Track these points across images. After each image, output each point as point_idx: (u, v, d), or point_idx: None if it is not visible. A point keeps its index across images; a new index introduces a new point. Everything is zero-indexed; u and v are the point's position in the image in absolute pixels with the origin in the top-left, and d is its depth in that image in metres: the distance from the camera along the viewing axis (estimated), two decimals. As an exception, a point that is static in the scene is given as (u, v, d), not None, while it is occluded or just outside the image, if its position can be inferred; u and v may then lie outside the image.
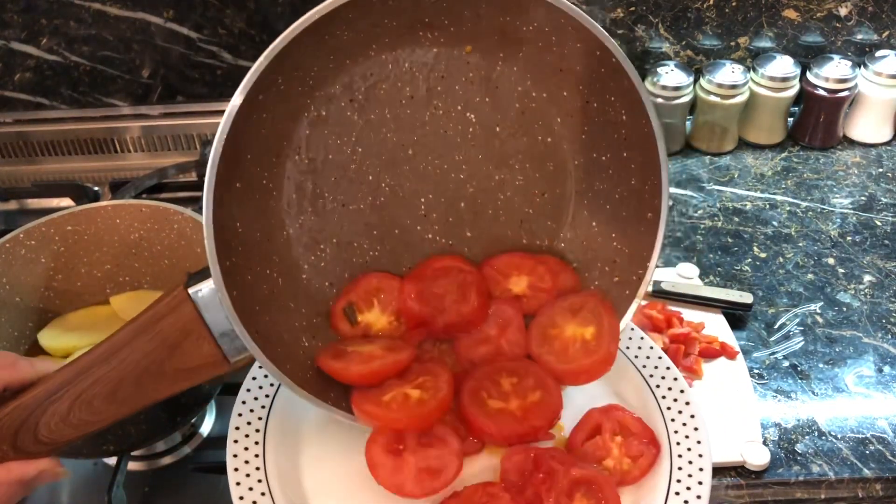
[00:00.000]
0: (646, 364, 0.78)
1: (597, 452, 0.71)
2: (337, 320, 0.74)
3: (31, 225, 0.93)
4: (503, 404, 0.71)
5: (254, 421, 0.74)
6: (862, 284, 1.06)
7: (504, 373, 0.73)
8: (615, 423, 0.72)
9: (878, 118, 1.30)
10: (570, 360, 0.73)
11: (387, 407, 0.69)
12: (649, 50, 1.31)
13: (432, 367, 0.73)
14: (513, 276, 0.79)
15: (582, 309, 0.76)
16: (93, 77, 1.28)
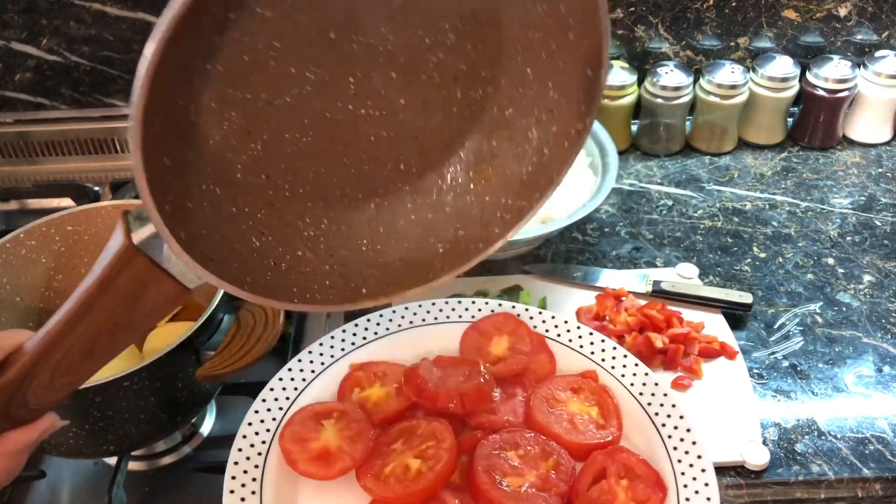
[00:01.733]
0: (651, 402, 0.76)
1: (603, 497, 0.69)
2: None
3: (31, 225, 0.93)
4: (520, 479, 0.70)
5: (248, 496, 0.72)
6: (861, 284, 1.06)
7: (507, 446, 0.72)
8: (620, 465, 0.71)
9: (877, 118, 1.30)
10: (582, 433, 0.73)
11: (385, 482, 0.69)
12: (649, 50, 1.31)
13: (437, 428, 0.72)
14: (494, 336, 0.80)
15: (583, 389, 0.77)
16: (93, 77, 1.28)
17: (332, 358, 0.81)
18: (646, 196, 1.22)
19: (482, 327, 0.81)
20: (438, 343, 0.83)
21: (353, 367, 0.80)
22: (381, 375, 0.79)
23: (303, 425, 0.75)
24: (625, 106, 1.26)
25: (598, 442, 0.72)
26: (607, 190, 1.04)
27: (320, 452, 0.73)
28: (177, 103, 0.62)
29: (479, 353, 0.80)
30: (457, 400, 0.74)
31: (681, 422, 0.74)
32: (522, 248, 1.08)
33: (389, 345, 0.83)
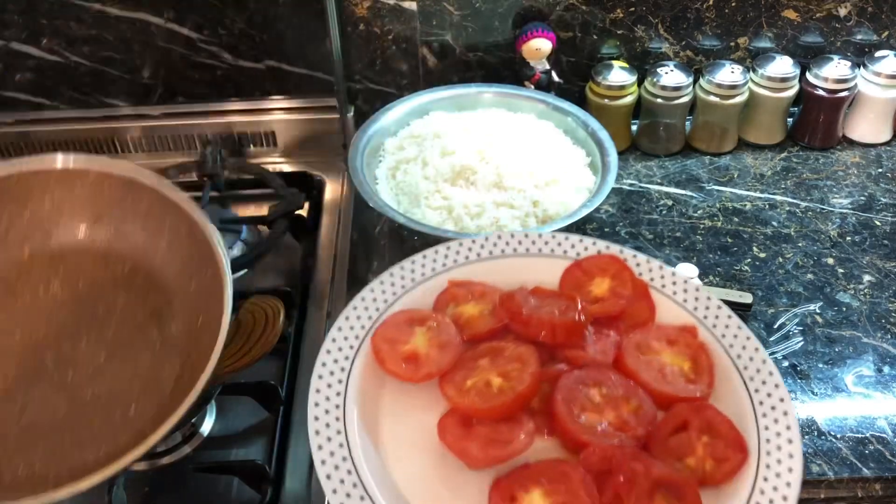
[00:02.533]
0: (748, 366, 0.74)
1: (680, 449, 0.68)
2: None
3: (31, 225, 0.93)
4: (598, 417, 0.69)
5: (334, 384, 0.73)
6: (861, 284, 1.06)
7: (591, 382, 0.72)
8: (704, 421, 0.70)
9: (877, 118, 1.30)
10: (669, 383, 0.72)
11: (465, 393, 0.70)
12: (649, 50, 1.31)
13: (524, 353, 0.72)
14: (597, 277, 0.80)
15: (678, 342, 0.76)
16: (93, 77, 1.28)
17: (434, 271, 0.81)
18: (646, 196, 1.22)
19: (585, 266, 0.81)
20: (539, 275, 0.82)
21: (451, 282, 0.81)
22: (477, 295, 0.79)
23: (396, 328, 0.76)
24: (625, 106, 1.26)
25: (685, 395, 0.71)
26: (607, 190, 1.04)
27: (409, 355, 0.73)
28: None
29: (579, 290, 0.79)
30: (548, 329, 0.73)
31: (775, 390, 0.71)
32: (522, 248, 1.08)
33: (490, 268, 0.83)
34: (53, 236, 0.80)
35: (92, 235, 0.80)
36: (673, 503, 0.65)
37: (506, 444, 0.67)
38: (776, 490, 0.66)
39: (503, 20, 1.27)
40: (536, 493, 0.65)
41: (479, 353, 0.74)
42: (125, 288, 0.78)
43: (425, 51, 1.29)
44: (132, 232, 0.79)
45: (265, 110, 1.31)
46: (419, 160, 1.10)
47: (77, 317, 0.76)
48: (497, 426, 0.69)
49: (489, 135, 1.10)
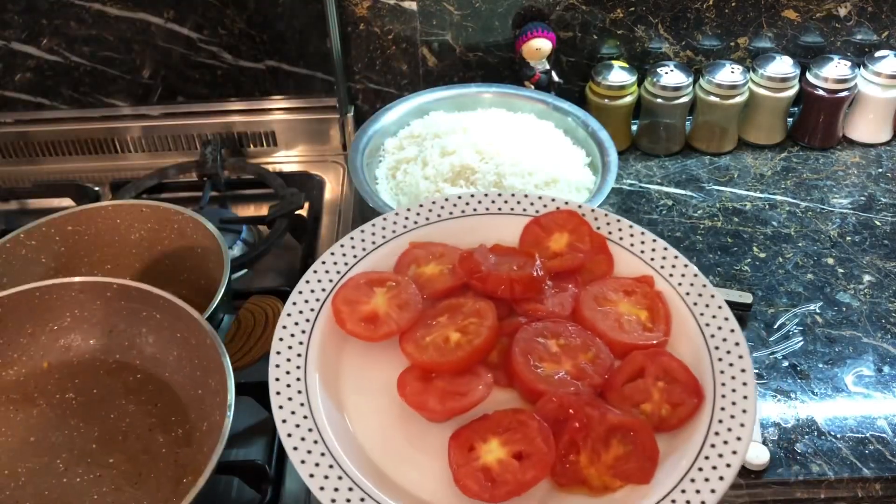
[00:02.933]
0: (703, 312, 0.76)
1: (636, 395, 0.69)
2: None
3: (31, 225, 0.93)
4: (556, 367, 0.71)
5: (295, 346, 0.75)
6: (861, 284, 1.06)
7: (549, 334, 0.73)
8: (660, 367, 0.71)
9: (877, 118, 1.30)
10: (626, 332, 0.73)
11: (424, 349, 0.71)
12: (649, 50, 1.31)
13: (482, 308, 0.74)
14: (555, 233, 0.80)
15: (635, 293, 0.77)
16: (93, 77, 1.28)
17: (394, 233, 0.83)
18: (646, 196, 1.22)
19: (544, 222, 0.82)
20: (499, 233, 0.83)
21: (412, 244, 0.82)
22: (438, 255, 0.81)
23: (356, 289, 0.77)
24: (625, 106, 1.26)
25: (641, 343, 0.73)
26: (607, 190, 1.04)
27: (369, 315, 0.75)
28: None
29: (538, 247, 0.81)
30: (506, 285, 0.75)
31: (731, 335, 0.73)
32: (522, 248, 1.08)
33: (450, 228, 0.84)
34: (72, 349, 0.86)
35: (107, 346, 0.86)
36: (629, 448, 0.66)
37: (463, 395, 0.69)
38: (730, 431, 0.67)
39: (503, 20, 1.27)
40: (494, 443, 0.66)
41: (439, 311, 0.76)
42: (136, 395, 0.83)
43: (425, 51, 1.29)
44: (144, 343, 0.85)
45: (265, 110, 1.31)
46: (419, 160, 1.10)
47: (90, 422, 0.82)
48: (455, 379, 0.70)
49: (489, 135, 1.10)
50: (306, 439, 0.67)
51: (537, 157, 1.08)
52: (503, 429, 0.67)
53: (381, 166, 1.14)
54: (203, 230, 0.93)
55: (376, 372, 0.74)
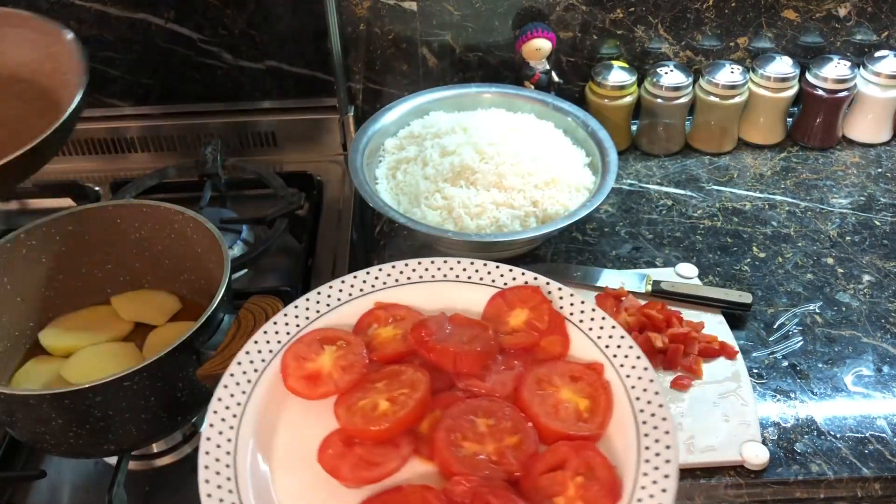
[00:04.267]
0: (644, 409, 0.73)
1: (551, 487, 0.67)
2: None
3: (32, 225, 0.93)
4: (479, 447, 0.70)
5: (237, 395, 0.75)
6: (861, 284, 1.06)
7: (481, 412, 0.72)
8: (583, 462, 0.69)
9: (877, 118, 1.30)
10: (562, 421, 0.72)
11: (352, 414, 0.71)
12: (649, 50, 1.31)
13: (417, 379, 0.74)
14: (517, 308, 0.80)
15: (581, 380, 0.76)
16: (93, 77, 1.27)
17: (361, 292, 0.83)
18: (645, 196, 1.22)
19: (508, 296, 0.82)
20: (466, 302, 0.83)
21: (377, 304, 0.82)
22: (398, 318, 0.81)
23: (308, 345, 0.77)
24: (625, 106, 1.26)
25: (572, 433, 0.71)
26: (607, 190, 1.04)
27: (312, 373, 0.75)
28: None
29: (498, 320, 0.80)
30: (450, 358, 0.75)
31: (665, 436, 0.70)
32: (522, 248, 1.08)
33: (418, 292, 0.84)
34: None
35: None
36: None
37: (376, 466, 0.69)
38: None
39: (503, 20, 1.27)
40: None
41: (381, 376, 0.75)
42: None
43: (425, 51, 1.29)
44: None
45: (265, 110, 1.31)
46: (419, 160, 1.10)
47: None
48: (374, 448, 0.70)
49: (489, 135, 1.10)
50: (222, 487, 0.68)
51: (537, 157, 1.08)
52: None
53: (381, 166, 1.14)
54: (203, 230, 0.93)
55: (315, 429, 0.73)
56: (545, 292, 0.82)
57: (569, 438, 0.71)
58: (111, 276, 1.00)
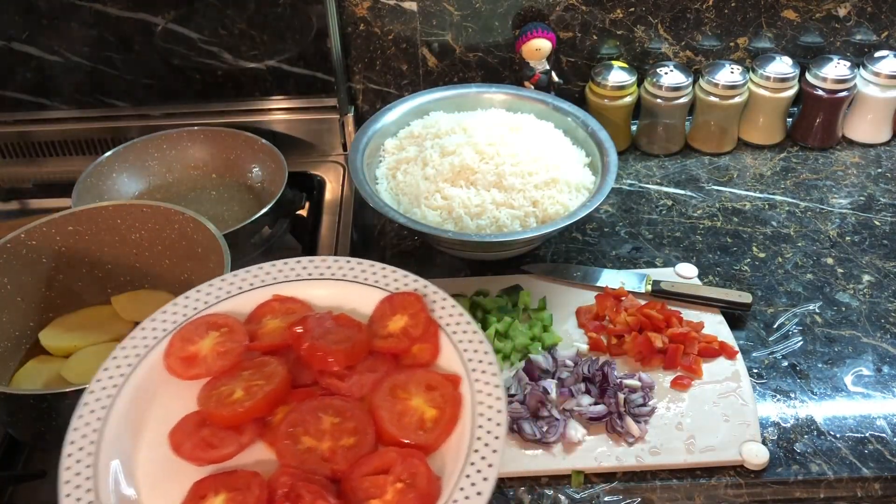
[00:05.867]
0: (483, 424, 0.73)
1: (370, 489, 0.69)
2: None
3: (32, 225, 0.93)
4: (315, 443, 0.72)
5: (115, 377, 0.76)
6: (861, 284, 1.06)
7: (331, 410, 0.74)
8: (407, 470, 0.70)
9: (876, 118, 1.30)
10: (402, 428, 0.73)
11: (209, 398, 0.74)
12: (649, 50, 1.31)
13: (275, 372, 0.75)
14: (398, 313, 0.81)
15: (436, 390, 0.76)
16: (94, 77, 1.28)
17: (263, 283, 0.85)
18: (645, 196, 1.22)
19: (394, 301, 0.83)
20: (359, 302, 0.84)
21: (275, 296, 0.84)
22: (289, 311, 0.83)
23: (196, 328, 0.80)
24: (625, 106, 1.26)
25: (406, 441, 0.72)
26: (607, 190, 1.04)
27: (190, 355, 0.77)
28: None
29: (380, 323, 0.81)
30: (317, 356, 0.77)
31: (491, 455, 0.70)
32: (522, 248, 1.08)
33: (317, 289, 0.85)
34: None
35: None
36: None
37: (213, 448, 0.71)
38: None
39: (503, 20, 1.27)
40: (220, 497, 0.68)
41: (251, 365, 0.77)
42: None
43: (425, 51, 1.29)
44: None
45: (265, 110, 1.31)
46: (419, 160, 1.10)
47: None
48: (219, 432, 0.72)
49: (489, 135, 1.10)
50: (84, 449, 0.69)
51: (537, 158, 1.08)
52: (232, 487, 0.69)
53: (381, 166, 1.14)
54: (203, 230, 0.93)
55: (187, 408, 0.75)
56: (428, 301, 0.82)
57: (401, 445, 0.72)
58: (111, 276, 1.00)
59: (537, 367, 0.93)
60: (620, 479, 0.85)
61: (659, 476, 0.85)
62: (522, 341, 0.96)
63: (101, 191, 1.15)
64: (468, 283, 1.05)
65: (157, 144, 1.21)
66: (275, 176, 1.17)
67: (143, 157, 1.21)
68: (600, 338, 0.97)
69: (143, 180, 1.21)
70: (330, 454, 0.71)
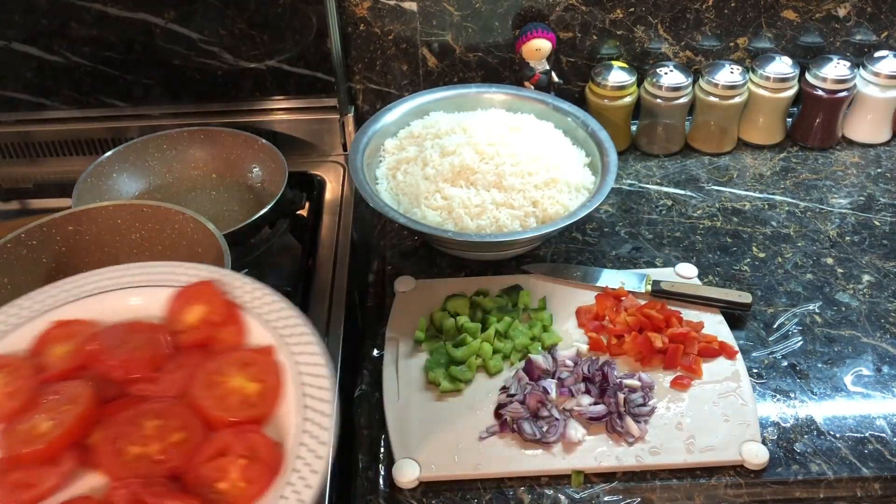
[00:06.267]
0: (310, 382, 0.74)
1: (213, 474, 0.68)
2: None
3: (32, 225, 0.94)
4: (142, 449, 0.69)
5: None
6: (861, 284, 1.06)
7: (150, 415, 0.72)
8: (245, 445, 0.70)
9: (876, 118, 1.30)
10: (227, 409, 0.72)
11: (13, 438, 0.70)
12: (648, 50, 1.31)
13: (77, 393, 0.72)
14: (193, 304, 0.80)
15: (253, 364, 0.76)
16: (94, 78, 1.28)
17: (38, 312, 0.81)
18: (645, 196, 1.22)
19: (184, 294, 0.81)
20: (148, 306, 0.82)
21: (56, 323, 0.80)
22: (75, 334, 0.79)
23: None
24: (624, 106, 1.26)
25: (237, 419, 0.72)
26: (607, 190, 1.04)
27: None
28: None
29: (176, 319, 0.80)
30: (118, 367, 0.75)
31: (325, 406, 0.71)
32: (522, 248, 1.08)
33: (99, 304, 0.82)
34: None
35: None
36: None
37: (33, 487, 0.68)
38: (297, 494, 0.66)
39: (503, 20, 1.27)
40: None
41: (48, 394, 0.74)
42: None
43: (425, 51, 1.29)
44: None
45: (265, 110, 1.31)
46: (419, 160, 1.10)
47: None
48: (32, 470, 0.69)
49: (489, 135, 1.10)
50: None
51: (537, 158, 1.08)
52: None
53: (381, 166, 1.14)
54: (203, 230, 0.93)
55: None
56: (224, 285, 0.81)
57: (234, 426, 0.71)
58: (111, 276, 1.00)
59: (537, 366, 0.93)
60: (620, 479, 0.85)
61: (659, 476, 0.85)
62: (522, 341, 0.96)
63: (101, 191, 1.15)
64: (468, 283, 1.05)
65: (157, 144, 1.21)
66: (275, 176, 1.17)
67: (143, 157, 1.20)
68: (600, 338, 0.97)
69: (143, 180, 1.21)
70: (161, 455, 0.69)
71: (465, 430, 0.89)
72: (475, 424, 0.89)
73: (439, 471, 0.85)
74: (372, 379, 0.96)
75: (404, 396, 0.92)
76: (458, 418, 0.90)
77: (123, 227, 0.97)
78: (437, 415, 0.90)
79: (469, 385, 0.93)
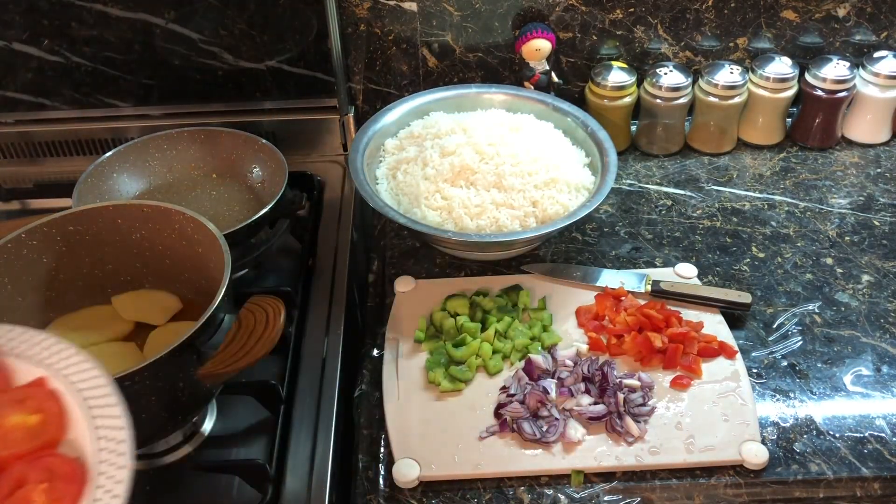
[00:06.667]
0: (94, 396, 0.74)
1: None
2: None
3: (32, 225, 0.93)
4: None
5: None
6: (860, 284, 1.06)
7: None
8: (41, 470, 0.69)
9: (876, 119, 1.30)
10: (13, 444, 0.72)
11: None
12: (648, 51, 1.31)
13: None
14: None
15: (29, 398, 0.75)
16: (94, 78, 1.28)
17: None
18: (645, 196, 1.22)
19: None
20: None
21: None
22: None
23: None
24: (624, 106, 1.27)
25: (25, 451, 0.71)
26: (606, 190, 1.04)
27: None
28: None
29: None
30: None
31: (113, 409, 0.72)
32: (522, 248, 1.08)
33: None
34: None
35: None
36: None
37: None
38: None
39: (503, 21, 1.27)
40: None
41: None
42: None
43: (425, 51, 1.29)
44: None
45: (265, 110, 1.31)
46: (419, 160, 1.11)
47: None
48: None
49: (489, 135, 1.10)
50: None
51: (537, 158, 1.08)
52: None
53: (381, 166, 1.15)
54: (204, 230, 0.93)
55: None
56: None
57: (23, 458, 0.71)
58: (111, 276, 1.00)
59: (537, 366, 0.93)
60: (620, 479, 0.85)
61: (658, 476, 0.85)
62: (522, 341, 0.97)
63: (101, 191, 1.15)
64: (468, 283, 1.06)
65: (157, 144, 1.21)
66: (275, 176, 1.17)
67: (143, 157, 1.21)
68: (600, 338, 0.97)
69: (144, 180, 1.21)
70: None
71: (464, 429, 0.89)
72: (475, 424, 0.89)
73: (439, 470, 0.85)
74: (372, 379, 0.96)
75: (404, 396, 0.92)
76: (457, 418, 0.90)
77: (123, 227, 0.97)
78: (437, 415, 0.90)
79: (469, 385, 0.93)
